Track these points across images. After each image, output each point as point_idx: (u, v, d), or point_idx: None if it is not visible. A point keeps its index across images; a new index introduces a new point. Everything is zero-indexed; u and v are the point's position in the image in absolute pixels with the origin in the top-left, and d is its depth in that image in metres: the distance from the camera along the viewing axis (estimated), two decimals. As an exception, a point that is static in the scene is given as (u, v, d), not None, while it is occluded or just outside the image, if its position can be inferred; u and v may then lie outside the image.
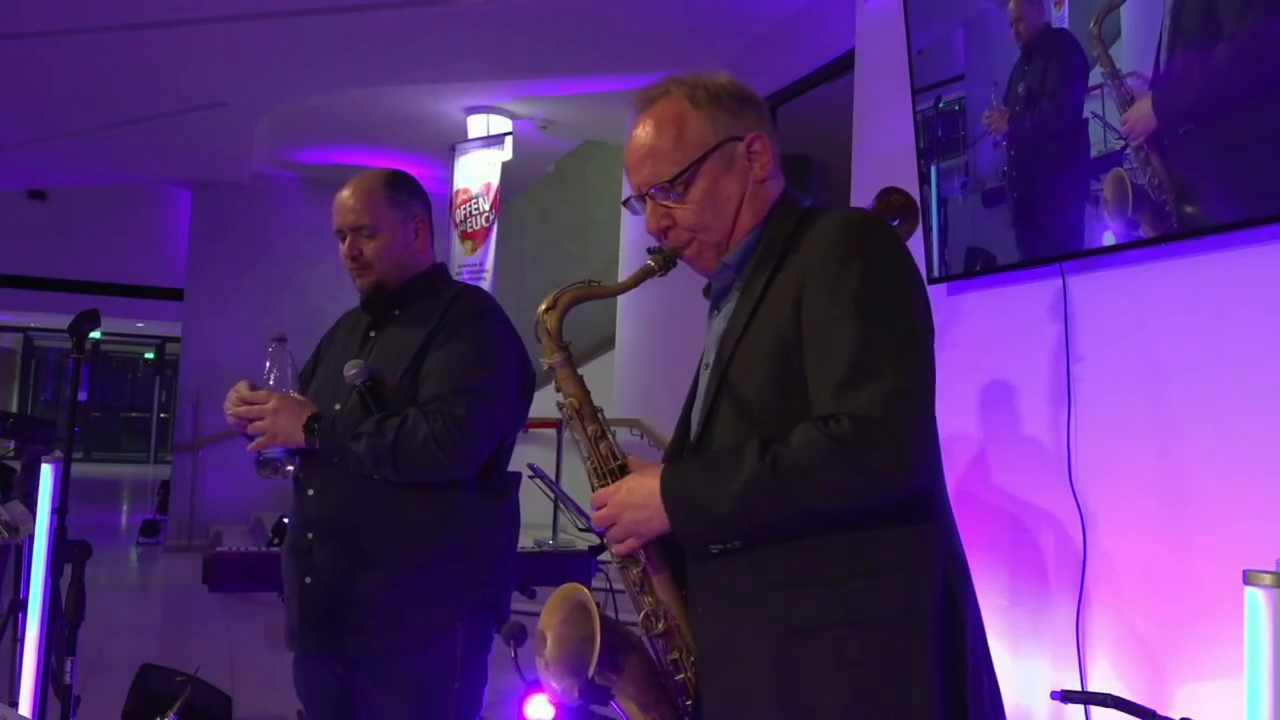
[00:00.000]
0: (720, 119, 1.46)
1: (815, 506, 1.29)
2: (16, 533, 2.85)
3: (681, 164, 1.45)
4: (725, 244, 1.48)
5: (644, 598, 1.44)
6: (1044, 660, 2.72)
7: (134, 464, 20.34)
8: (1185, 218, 2.31)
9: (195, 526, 8.97)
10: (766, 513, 1.31)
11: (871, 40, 3.78)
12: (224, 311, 9.07)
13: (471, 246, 7.11)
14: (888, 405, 1.27)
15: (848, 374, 1.29)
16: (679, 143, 1.45)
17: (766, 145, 1.47)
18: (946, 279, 3.11)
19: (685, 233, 1.48)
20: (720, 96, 1.47)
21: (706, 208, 1.46)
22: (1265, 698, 1.62)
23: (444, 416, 1.96)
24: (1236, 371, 2.25)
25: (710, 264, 1.50)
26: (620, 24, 5.35)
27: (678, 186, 1.45)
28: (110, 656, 4.87)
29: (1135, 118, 2.42)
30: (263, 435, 2.00)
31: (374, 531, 2.02)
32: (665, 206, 1.47)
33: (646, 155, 1.47)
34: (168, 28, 5.43)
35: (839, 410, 1.28)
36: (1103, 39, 2.51)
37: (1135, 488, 2.48)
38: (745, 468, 1.30)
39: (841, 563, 1.32)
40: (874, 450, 1.27)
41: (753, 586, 1.36)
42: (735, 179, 1.46)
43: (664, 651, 1.45)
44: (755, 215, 1.48)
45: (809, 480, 1.28)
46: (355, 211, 2.11)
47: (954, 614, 1.33)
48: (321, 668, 2.10)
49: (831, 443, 1.27)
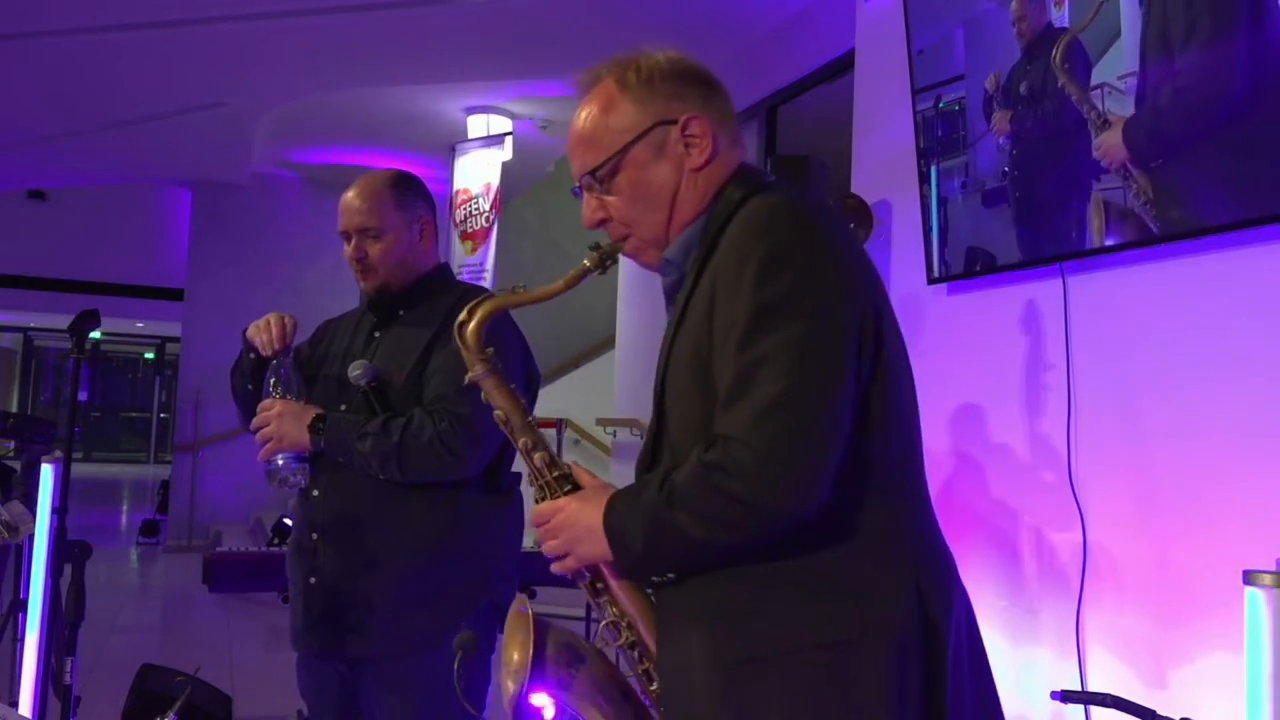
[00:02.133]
0: (650, 102, 1.34)
1: (704, 540, 1.19)
2: (16, 533, 2.85)
3: (607, 152, 1.35)
4: (663, 239, 1.37)
5: (608, 607, 1.37)
6: (1044, 660, 2.72)
7: (134, 464, 20.34)
8: (1176, 222, 2.33)
9: (195, 526, 8.96)
10: (670, 546, 1.22)
11: (871, 40, 3.78)
12: (224, 311, 9.05)
13: (472, 246, 7.11)
14: (758, 423, 1.15)
15: (728, 390, 1.19)
16: (605, 129, 1.35)
17: (706, 127, 1.34)
18: (946, 279, 3.11)
19: (620, 226, 1.38)
20: (653, 78, 1.35)
21: (637, 199, 1.35)
22: (1265, 698, 1.62)
23: (449, 417, 1.96)
24: (1236, 371, 2.25)
25: (652, 259, 1.39)
26: (620, 24, 5.34)
27: (601, 175, 1.35)
28: (110, 656, 4.87)
29: (1107, 144, 2.47)
30: (270, 442, 1.99)
31: (378, 532, 2.02)
32: (598, 198, 1.38)
33: (577, 143, 1.38)
34: (168, 28, 5.42)
35: (720, 431, 1.18)
36: (1065, 68, 2.57)
37: (1135, 488, 2.48)
38: (649, 500, 1.22)
39: (790, 589, 1.22)
40: (741, 478, 1.15)
41: (701, 614, 1.26)
42: (668, 166, 1.34)
43: (635, 662, 1.37)
44: (696, 204, 1.35)
45: (688, 509, 1.18)
46: (361, 213, 2.11)
47: (929, 633, 1.22)
48: (325, 668, 2.10)
49: (701, 468, 1.17)
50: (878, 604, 1.21)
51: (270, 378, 2.05)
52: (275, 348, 2.05)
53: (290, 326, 2.07)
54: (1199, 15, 2.22)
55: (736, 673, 1.23)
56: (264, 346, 2.06)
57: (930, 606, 1.24)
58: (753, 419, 1.16)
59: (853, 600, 1.21)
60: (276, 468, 2.01)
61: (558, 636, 1.38)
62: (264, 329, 2.06)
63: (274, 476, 2.03)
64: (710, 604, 1.26)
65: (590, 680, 1.37)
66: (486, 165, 7.02)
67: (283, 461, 2.00)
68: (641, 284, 6.70)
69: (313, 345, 2.29)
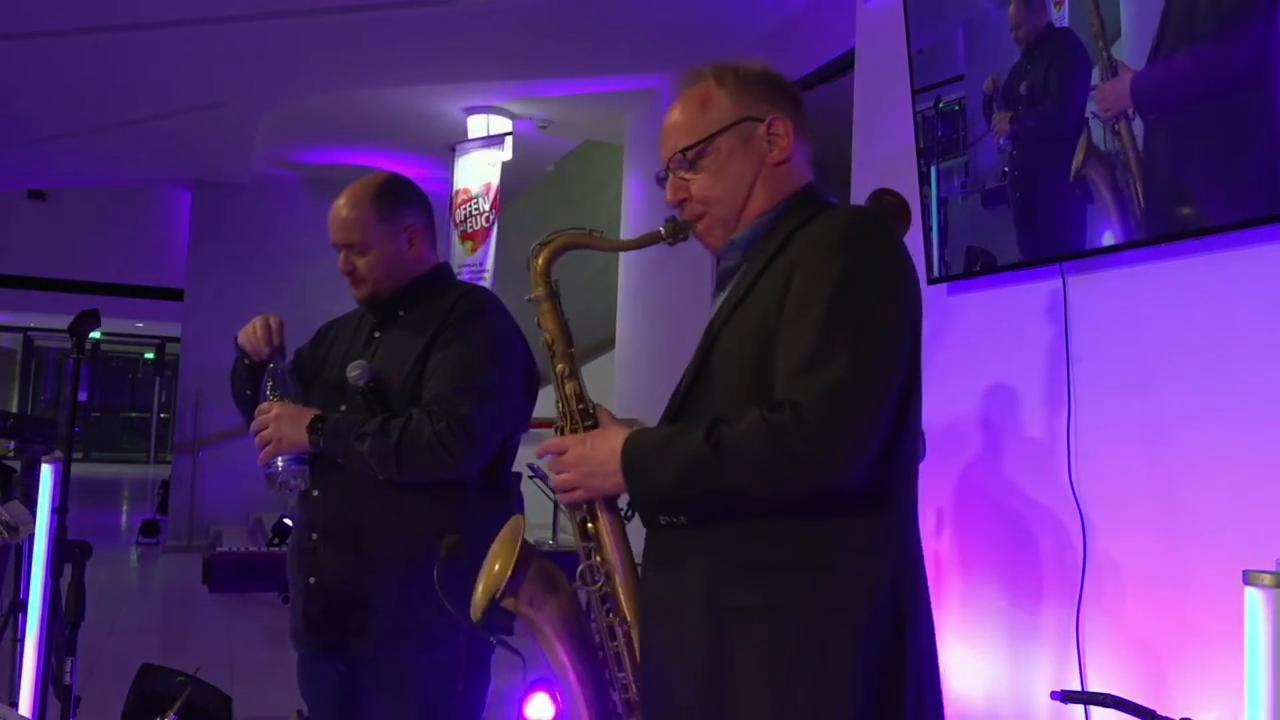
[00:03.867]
0: (743, 99, 1.49)
1: (749, 490, 1.30)
2: (16, 533, 2.86)
3: (698, 136, 1.48)
4: (734, 221, 1.50)
5: (593, 554, 1.47)
6: (1044, 660, 2.72)
7: (134, 464, 20.34)
8: (1163, 208, 2.33)
9: (195, 526, 8.96)
10: (705, 490, 1.33)
11: (871, 40, 3.78)
12: (224, 311, 9.05)
13: (471, 247, 7.11)
14: (830, 396, 1.27)
15: (802, 361, 1.30)
16: (700, 117, 1.49)
17: (788, 129, 1.49)
18: (946, 279, 3.11)
19: (698, 206, 1.51)
20: (748, 79, 1.51)
21: (718, 179, 1.49)
22: (1265, 698, 1.62)
23: (448, 417, 1.96)
24: (1236, 372, 2.25)
25: (718, 240, 1.52)
26: (620, 24, 5.34)
27: (691, 156, 1.49)
28: (110, 656, 4.86)
29: (1110, 91, 2.45)
30: (269, 445, 1.99)
31: (378, 532, 2.02)
32: (682, 179, 1.51)
33: (671, 130, 1.52)
34: (168, 28, 5.42)
35: (787, 396, 1.29)
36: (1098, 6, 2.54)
37: (1135, 488, 2.48)
38: (692, 444, 1.32)
39: (785, 551, 1.33)
40: (805, 440, 1.27)
41: (697, 562, 1.37)
42: (750, 157, 1.49)
43: (601, 614, 1.47)
44: (769, 198, 1.49)
45: (743, 463, 1.29)
46: (345, 229, 2.12)
47: (898, 619, 1.34)
48: (325, 667, 2.11)
49: (768, 428, 1.28)
50: (864, 583, 1.33)
51: (267, 381, 2.05)
52: (264, 351, 2.06)
53: (276, 327, 2.07)
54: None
55: (726, 619, 1.34)
56: (254, 353, 2.08)
57: (903, 596, 1.35)
58: (824, 392, 1.27)
59: (844, 574, 1.33)
60: (276, 471, 2.00)
61: (541, 563, 1.47)
62: (250, 334, 2.07)
63: (274, 480, 2.02)
64: (710, 552, 1.36)
65: (559, 612, 1.46)
66: (486, 165, 7.02)
67: (282, 464, 2.00)
68: (641, 284, 6.70)
69: (313, 346, 2.28)
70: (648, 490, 1.38)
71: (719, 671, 1.34)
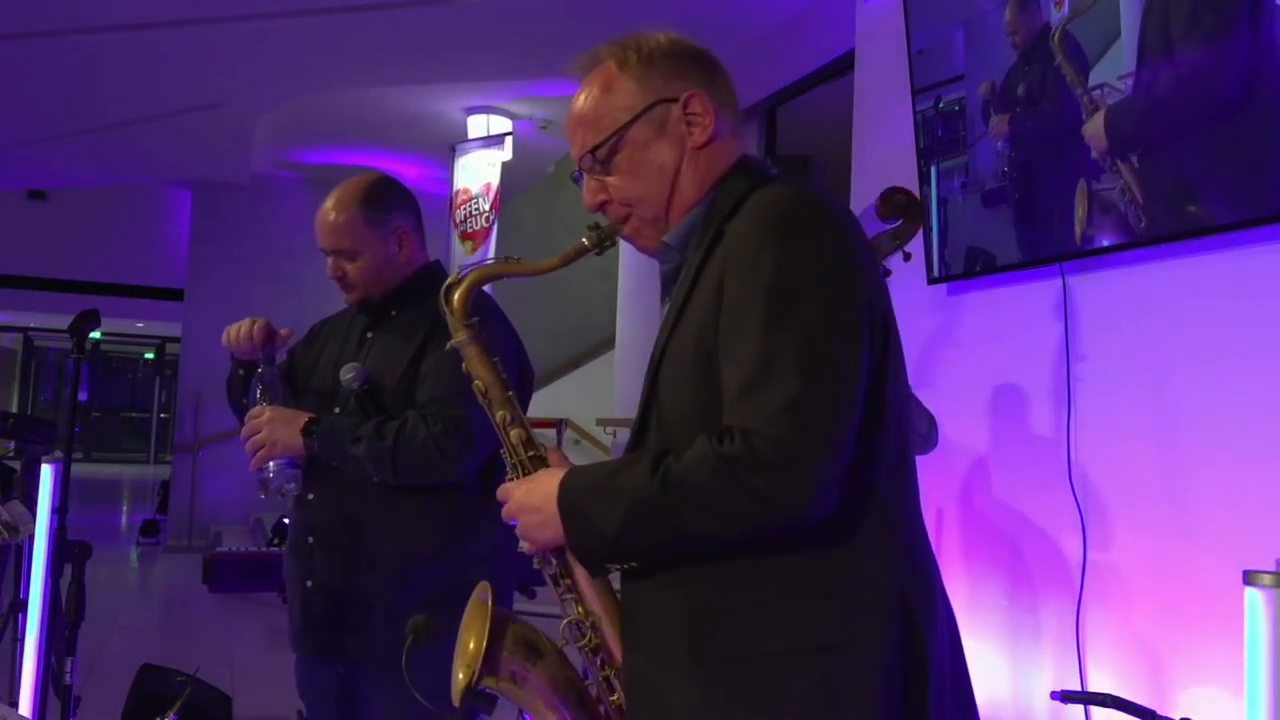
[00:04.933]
0: (650, 80, 1.33)
1: (706, 531, 1.14)
2: (16, 533, 2.86)
3: (607, 130, 1.33)
4: (663, 219, 1.34)
5: (574, 606, 1.31)
6: (1044, 660, 2.72)
7: (134, 464, 20.34)
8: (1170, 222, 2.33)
9: (195, 526, 8.96)
10: (657, 535, 1.17)
11: (871, 40, 3.78)
12: (224, 311, 8.99)
13: (471, 247, 7.11)
14: (781, 419, 1.11)
15: (745, 381, 1.14)
16: (606, 108, 1.34)
17: (708, 105, 1.32)
18: (946, 279, 3.11)
19: (620, 207, 1.36)
20: (654, 57, 1.35)
21: (638, 177, 1.33)
22: (1265, 698, 1.62)
23: (443, 419, 1.95)
24: (1236, 371, 2.25)
25: (651, 241, 1.37)
26: (620, 24, 5.33)
27: (601, 154, 1.34)
28: (110, 656, 4.87)
29: (1091, 131, 2.48)
30: (261, 449, 1.98)
31: (373, 535, 2.02)
32: (598, 179, 1.36)
33: (577, 125, 1.37)
34: (168, 28, 5.42)
35: (734, 423, 1.14)
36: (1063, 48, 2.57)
37: (1135, 488, 2.48)
38: (635, 482, 1.16)
39: (774, 587, 1.17)
40: (760, 472, 1.11)
41: (676, 611, 1.21)
42: (669, 145, 1.32)
43: (596, 668, 1.30)
44: (699, 186, 1.33)
45: (696, 502, 1.13)
46: (333, 236, 2.11)
47: (914, 644, 1.19)
48: (323, 669, 2.11)
49: (719, 461, 1.12)
50: (865, 608, 1.18)
51: (257, 386, 2.04)
52: (247, 350, 2.05)
53: (258, 328, 2.05)
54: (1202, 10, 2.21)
55: (718, 673, 1.18)
56: (238, 352, 2.07)
57: (915, 614, 1.21)
58: (774, 414, 1.12)
59: (841, 602, 1.18)
60: (268, 476, 1.99)
61: (517, 629, 1.32)
62: (235, 333, 2.06)
63: (266, 486, 2.00)
64: (689, 599, 1.21)
65: (547, 679, 1.31)
66: (486, 165, 7.02)
67: (274, 469, 1.98)
68: (641, 284, 6.70)
69: (306, 347, 2.28)
70: (590, 537, 1.21)
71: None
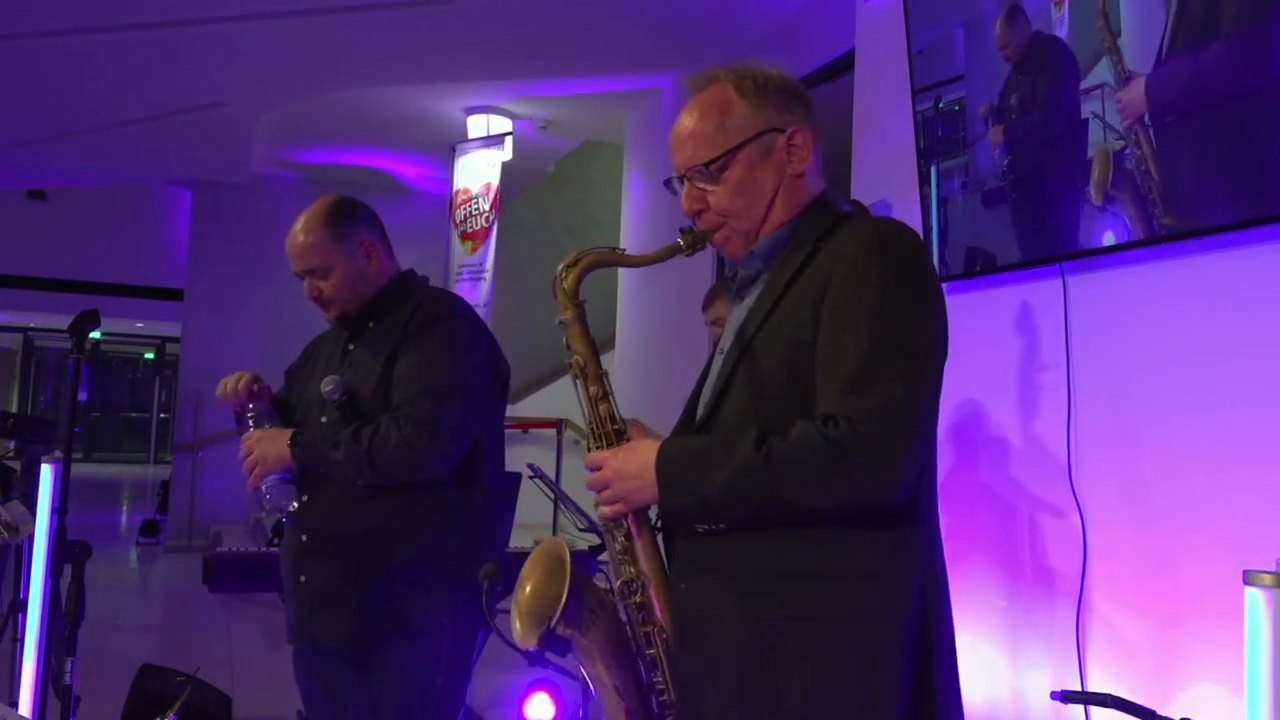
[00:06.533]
0: (764, 110, 1.47)
1: (799, 502, 1.31)
2: (16, 533, 2.86)
3: (720, 148, 1.47)
4: (755, 233, 1.50)
5: (626, 567, 1.47)
6: (1044, 660, 2.73)
7: (134, 464, 20.33)
8: (1173, 209, 2.32)
9: (195, 526, 8.96)
10: (753, 501, 1.33)
11: (871, 40, 3.78)
12: (224, 311, 9.06)
13: (471, 247, 7.11)
14: (886, 415, 1.29)
15: (853, 379, 1.31)
16: (720, 128, 1.47)
17: (808, 140, 1.49)
18: (946, 279, 3.11)
19: (717, 217, 1.50)
20: (767, 88, 1.48)
21: (740, 194, 1.48)
22: (1265, 698, 1.62)
23: (413, 420, 2.04)
24: (1237, 371, 2.25)
25: (738, 251, 1.52)
26: (620, 24, 5.34)
27: (713, 170, 1.47)
28: (110, 656, 4.86)
29: (1128, 97, 2.45)
30: (256, 467, 2.10)
31: (361, 533, 2.12)
32: (700, 189, 1.50)
33: (688, 138, 1.49)
34: (168, 28, 5.42)
35: (839, 412, 1.30)
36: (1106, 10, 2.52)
37: (1135, 487, 2.48)
38: (740, 454, 1.32)
39: (820, 559, 1.34)
40: (864, 457, 1.28)
41: (732, 570, 1.38)
42: (772, 169, 1.48)
43: (638, 624, 1.48)
44: (788, 209, 1.49)
45: (798, 476, 1.30)
46: (303, 257, 2.24)
47: (926, 629, 1.35)
48: (316, 661, 2.21)
49: (825, 443, 1.28)
50: (894, 590, 1.34)
51: (249, 416, 2.19)
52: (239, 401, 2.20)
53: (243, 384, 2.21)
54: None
55: (763, 628, 1.34)
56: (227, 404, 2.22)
57: (929, 604, 1.36)
58: (878, 410, 1.29)
59: (876, 581, 1.34)
60: (266, 497, 2.12)
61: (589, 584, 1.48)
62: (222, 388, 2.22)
63: (266, 504, 2.14)
64: (745, 560, 1.37)
65: (604, 631, 1.47)
66: (486, 165, 7.02)
67: (271, 487, 2.11)
68: (641, 287, 6.70)
69: (300, 364, 2.41)
70: (691, 500, 1.38)
71: (756, 680, 1.34)
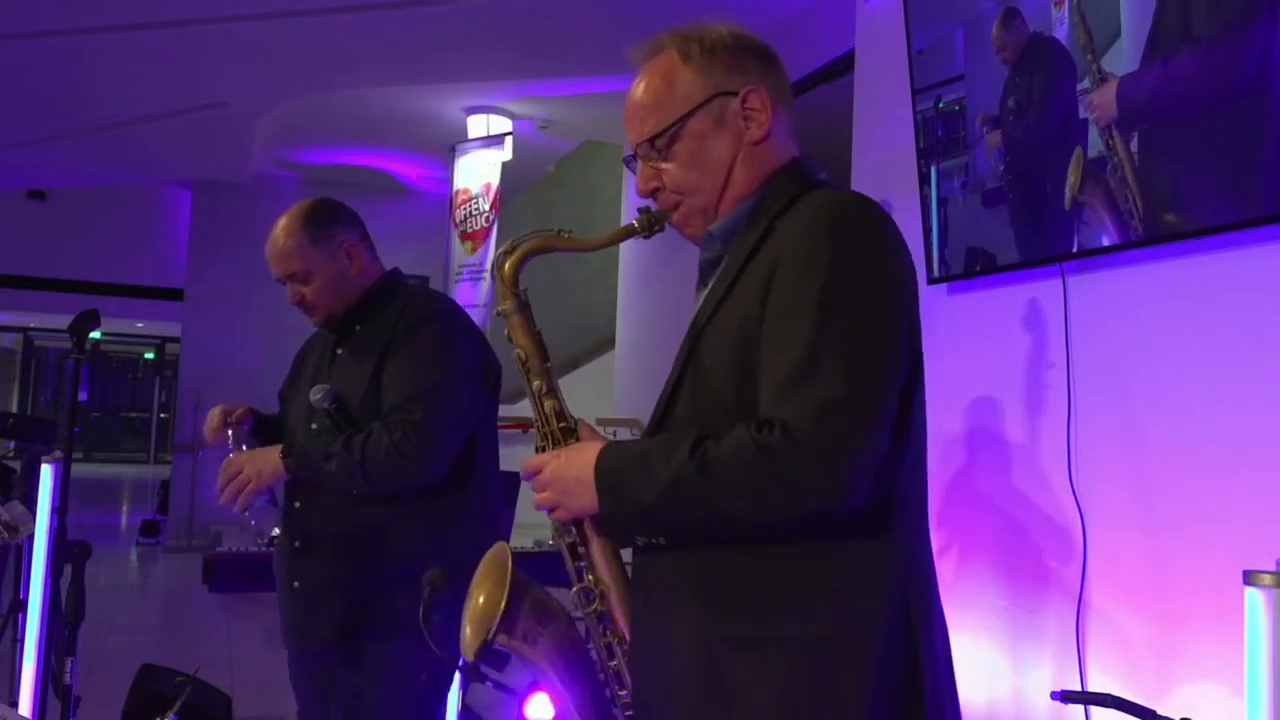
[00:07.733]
0: (711, 72, 1.35)
1: (737, 514, 1.19)
2: (16, 533, 2.86)
3: (666, 120, 1.35)
4: (713, 210, 1.38)
5: (585, 574, 1.37)
6: (1044, 660, 2.72)
7: (134, 464, 20.34)
8: (1156, 214, 2.33)
9: (195, 526, 8.95)
10: (688, 511, 1.21)
11: (871, 40, 3.77)
12: (224, 311, 9.05)
13: (471, 247, 7.10)
14: (823, 416, 1.16)
15: (789, 376, 1.18)
16: (666, 98, 1.36)
17: (765, 101, 1.35)
18: (946, 279, 3.11)
19: (672, 195, 1.39)
20: (716, 49, 1.37)
21: (693, 167, 1.36)
22: (1265, 698, 1.62)
23: (403, 425, 2.04)
24: (1237, 372, 2.25)
25: (697, 230, 1.40)
26: (620, 24, 5.34)
27: (661, 144, 1.36)
28: (110, 656, 4.86)
29: (1100, 99, 2.45)
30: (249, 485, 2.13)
31: (354, 534, 2.13)
32: (653, 167, 1.39)
33: (635, 111, 1.39)
34: (168, 28, 5.42)
35: (775, 415, 1.18)
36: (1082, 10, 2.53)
37: (1135, 487, 2.48)
38: (674, 460, 1.20)
39: (783, 576, 1.22)
40: (798, 465, 1.15)
41: (690, 589, 1.27)
42: (727, 138, 1.36)
43: (599, 634, 1.37)
44: (750, 181, 1.36)
45: (731, 485, 1.18)
46: (283, 262, 2.21)
47: (911, 648, 1.23)
48: (310, 664, 2.24)
49: (757, 450, 1.16)
50: (868, 602, 1.22)
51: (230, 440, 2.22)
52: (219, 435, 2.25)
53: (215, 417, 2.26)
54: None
55: (722, 651, 1.23)
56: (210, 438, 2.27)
57: (915, 622, 1.25)
58: (816, 411, 1.16)
59: (846, 596, 1.22)
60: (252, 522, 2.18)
61: (534, 593, 1.37)
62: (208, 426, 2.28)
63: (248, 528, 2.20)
64: (702, 577, 1.26)
65: (553, 642, 1.37)
66: (486, 165, 7.02)
67: (250, 511, 2.15)
68: (642, 284, 6.70)
69: (293, 372, 2.41)
70: (625, 509, 1.26)
71: (714, 706, 1.23)
